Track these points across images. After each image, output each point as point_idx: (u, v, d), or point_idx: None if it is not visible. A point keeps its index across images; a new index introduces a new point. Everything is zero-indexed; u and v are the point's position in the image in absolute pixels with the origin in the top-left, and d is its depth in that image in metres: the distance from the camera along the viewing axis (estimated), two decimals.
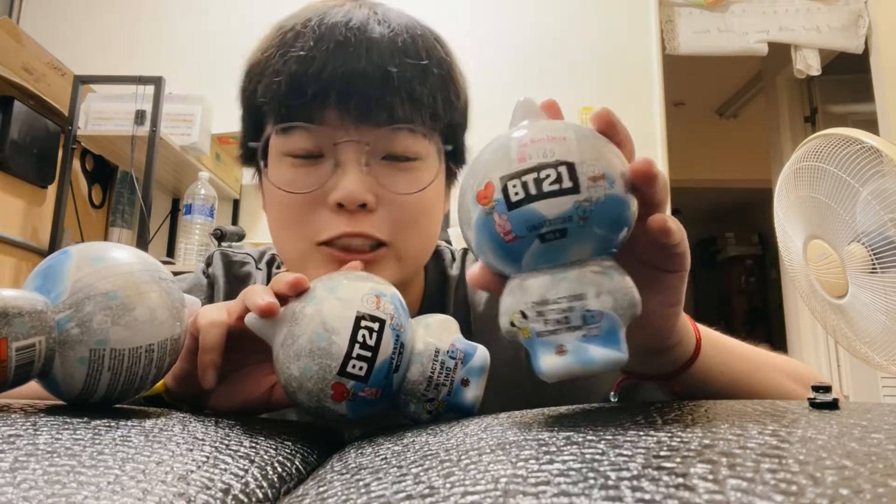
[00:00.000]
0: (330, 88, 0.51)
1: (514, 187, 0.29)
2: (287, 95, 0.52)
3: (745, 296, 5.33)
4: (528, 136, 0.30)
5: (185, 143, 2.05)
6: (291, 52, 0.52)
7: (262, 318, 0.38)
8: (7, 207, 1.91)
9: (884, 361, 1.26)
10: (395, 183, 0.53)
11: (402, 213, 0.54)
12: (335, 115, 0.52)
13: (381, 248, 0.53)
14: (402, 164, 0.54)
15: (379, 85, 0.51)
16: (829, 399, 0.31)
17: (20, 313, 0.33)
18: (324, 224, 0.53)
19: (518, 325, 0.31)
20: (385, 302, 0.39)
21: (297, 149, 0.53)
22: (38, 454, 0.25)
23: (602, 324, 0.29)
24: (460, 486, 0.20)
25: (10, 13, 2.48)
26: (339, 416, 0.39)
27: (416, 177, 0.55)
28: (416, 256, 0.57)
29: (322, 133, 0.52)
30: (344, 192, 0.51)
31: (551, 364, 0.29)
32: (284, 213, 0.55)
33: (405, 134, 0.54)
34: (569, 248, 0.29)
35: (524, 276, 0.31)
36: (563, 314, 0.29)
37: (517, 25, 2.54)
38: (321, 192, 0.53)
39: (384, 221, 0.53)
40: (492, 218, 0.30)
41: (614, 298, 0.29)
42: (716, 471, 0.19)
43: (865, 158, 1.18)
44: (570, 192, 0.29)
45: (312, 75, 0.51)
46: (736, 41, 2.65)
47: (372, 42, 0.52)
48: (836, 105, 3.21)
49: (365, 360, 0.37)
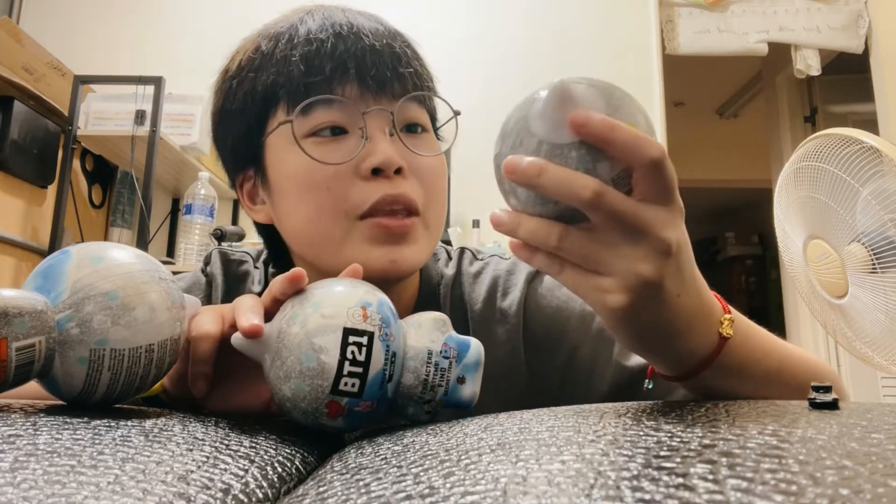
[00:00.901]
0: (348, 63, 0.54)
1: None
2: (305, 74, 0.54)
3: (745, 296, 5.32)
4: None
5: (185, 143, 2.05)
6: (298, 40, 0.55)
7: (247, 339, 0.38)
8: (7, 207, 1.91)
9: (884, 361, 1.25)
10: (417, 150, 0.56)
11: (429, 180, 0.57)
12: (356, 88, 0.54)
13: (414, 216, 0.55)
14: (419, 134, 0.58)
15: (388, 59, 0.55)
16: (829, 399, 0.31)
17: (20, 313, 0.33)
18: (362, 194, 0.54)
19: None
20: (372, 312, 0.38)
21: (321, 125, 0.54)
22: (38, 454, 0.25)
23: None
24: (460, 486, 0.20)
25: (10, 13, 2.48)
26: (336, 430, 0.38)
27: (431, 147, 0.59)
28: (438, 227, 0.59)
29: (347, 106, 0.54)
30: (382, 156, 0.53)
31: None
32: (315, 195, 0.54)
33: (416, 105, 0.57)
34: None
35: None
36: None
37: (517, 25, 2.54)
38: (353, 163, 0.54)
39: (417, 188, 0.55)
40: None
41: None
42: (716, 471, 0.19)
43: (865, 158, 1.18)
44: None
45: (328, 54, 0.54)
46: (736, 41, 2.65)
47: (365, 27, 0.56)
48: (836, 105, 3.20)
49: (356, 375, 0.36)
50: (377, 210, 0.53)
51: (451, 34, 2.45)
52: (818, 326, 2.01)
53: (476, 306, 0.62)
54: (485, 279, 0.64)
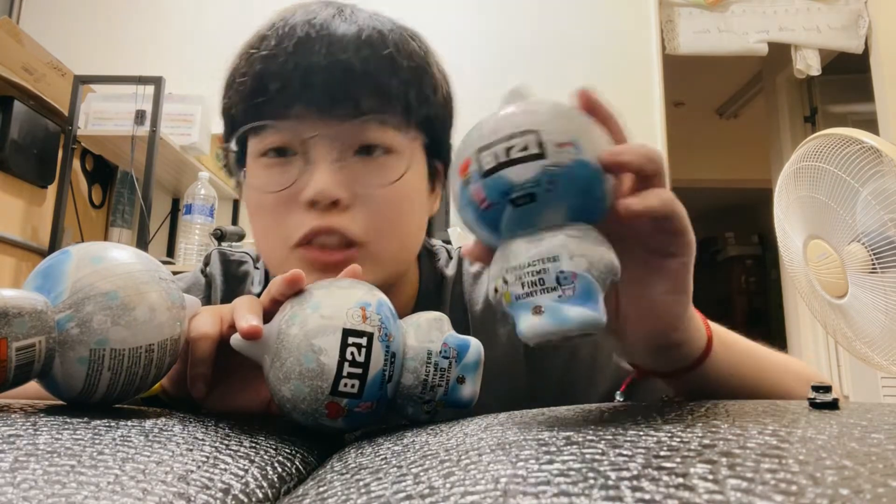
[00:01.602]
0: (292, 83, 0.51)
1: (486, 157, 0.31)
2: (252, 94, 0.52)
3: (745, 296, 5.32)
4: (503, 112, 0.33)
5: (185, 143, 2.05)
6: (255, 54, 0.53)
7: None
8: (7, 207, 1.91)
9: (884, 361, 1.25)
10: (367, 178, 0.52)
11: (377, 211, 0.53)
12: (301, 110, 0.51)
13: (355, 248, 0.52)
14: (375, 158, 0.53)
15: (341, 78, 0.51)
16: (829, 399, 0.31)
17: (20, 313, 0.33)
18: (296, 224, 0.52)
19: (500, 291, 0.32)
20: (371, 313, 0.38)
21: (269, 145, 0.53)
22: (38, 454, 0.25)
23: (576, 285, 0.30)
24: (460, 486, 0.20)
25: (10, 13, 2.48)
26: (336, 430, 0.38)
27: (390, 173, 0.53)
28: (393, 257, 0.55)
29: (289, 129, 0.52)
30: (314, 188, 0.50)
31: (528, 326, 0.31)
32: (261, 217, 0.55)
33: (375, 127, 0.52)
34: (540, 212, 0.31)
35: (505, 243, 0.32)
36: (537, 276, 0.31)
37: (516, 25, 2.54)
38: (294, 190, 0.52)
39: (358, 220, 0.52)
40: (468, 189, 0.32)
41: (589, 261, 0.31)
42: (716, 471, 0.19)
43: (865, 158, 1.18)
44: (536, 157, 0.30)
45: (274, 72, 0.51)
46: (736, 41, 2.65)
47: (334, 38, 0.52)
48: (836, 105, 3.20)
49: (356, 376, 0.36)
50: (310, 240, 0.52)
51: (450, 34, 2.44)
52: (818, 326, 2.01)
53: (476, 307, 0.62)
54: (485, 279, 0.64)
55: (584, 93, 0.34)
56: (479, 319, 0.62)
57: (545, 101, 0.33)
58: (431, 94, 0.56)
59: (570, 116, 0.32)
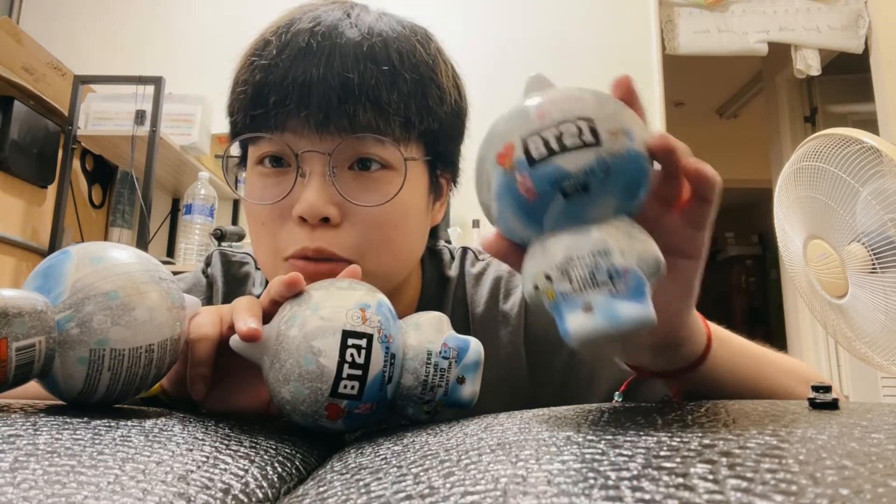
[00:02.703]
0: (289, 96, 0.50)
1: (534, 144, 0.29)
2: (251, 104, 0.52)
3: (745, 296, 5.32)
4: (546, 98, 0.30)
5: (185, 143, 2.05)
6: (257, 62, 0.52)
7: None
8: (7, 207, 1.91)
9: (884, 361, 1.25)
10: (360, 195, 0.52)
11: (369, 228, 0.52)
12: (297, 123, 0.51)
13: (346, 264, 0.51)
14: (371, 174, 0.52)
15: (339, 92, 0.50)
16: (829, 399, 0.31)
17: (20, 313, 0.33)
18: (287, 239, 0.52)
19: (542, 289, 0.30)
20: (371, 314, 0.38)
21: (265, 154, 0.53)
22: (38, 454, 0.25)
23: (628, 280, 0.28)
24: (460, 486, 0.20)
25: (10, 13, 2.48)
26: (336, 432, 0.38)
27: (386, 189, 0.52)
28: (385, 274, 0.54)
29: (285, 142, 0.52)
30: (304, 205, 0.50)
31: (578, 325, 0.28)
32: (256, 226, 0.55)
33: (371, 142, 0.51)
34: (591, 204, 0.29)
35: (545, 238, 0.30)
36: (588, 271, 0.29)
37: (516, 25, 2.54)
38: (286, 203, 0.52)
39: (349, 237, 0.51)
40: (513, 178, 0.29)
41: (639, 255, 0.29)
42: (716, 471, 0.19)
43: (865, 158, 1.18)
44: (592, 145, 0.28)
45: (274, 83, 0.51)
46: (736, 41, 2.65)
47: (335, 48, 0.51)
48: (836, 105, 3.20)
49: (356, 378, 0.36)
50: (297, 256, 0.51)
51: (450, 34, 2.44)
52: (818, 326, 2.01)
53: (478, 308, 0.62)
54: (486, 281, 0.64)
55: (625, 80, 0.32)
56: (481, 321, 0.62)
57: (583, 88, 0.31)
58: (437, 105, 0.55)
59: (615, 104, 0.30)
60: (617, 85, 0.32)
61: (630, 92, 0.32)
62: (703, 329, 0.42)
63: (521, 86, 0.34)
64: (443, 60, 0.57)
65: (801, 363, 0.52)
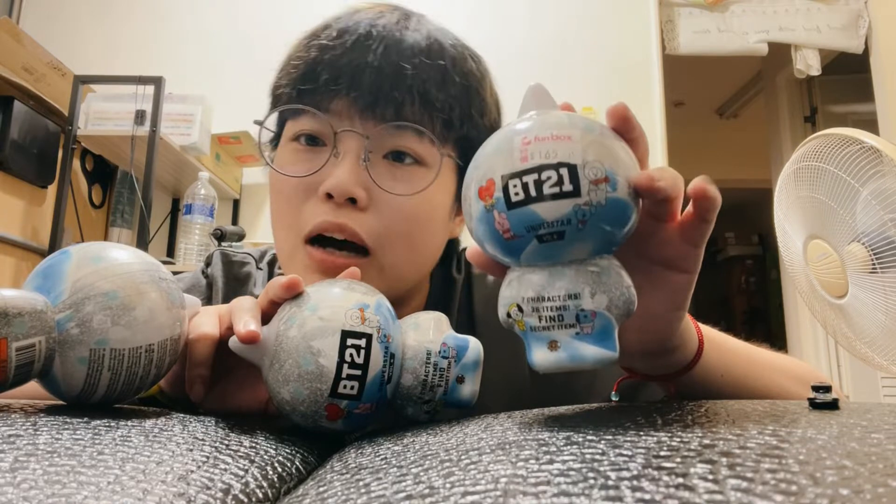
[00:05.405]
0: (341, 77, 0.51)
1: (514, 187, 0.29)
2: (301, 79, 0.53)
3: (745, 296, 5.32)
4: (532, 133, 0.30)
5: (185, 143, 2.05)
6: (314, 42, 0.54)
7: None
8: (7, 207, 1.91)
9: (884, 361, 1.25)
10: (390, 183, 0.52)
11: (394, 218, 0.52)
12: (343, 104, 0.52)
13: (363, 257, 0.52)
14: (403, 166, 0.53)
15: (390, 80, 0.51)
16: (829, 399, 0.31)
17: (20, 313, 0.33)
18: (311, 214, 0.52)
19: (514, 318, 0.32)
20: (370, 314, 0.38)
21: (301, 131, 0.54)
22: (38, 454, 0.25)
23: (595, 323, 0.30)
24: (460, 486, 0.20)
25: (10, 13, 2.48)
26: (336, 432, 0.38)
27: (417, 183, 0.53)
28: (401, 270, 0.54)
29: (326, 120, 0.52)
30: (334, 180, 0.50)
31: (543, 358, 0.30)
32: (279, 202, 0.54)
33: (410, 134, 0.52)
34: (566, 248, 0.30)
35: (522, 271, 0.31)
36: (557, 312, 0.30)
37: (516, 25, 2.54)
38: (315, 179, 0.52)
39: (373, 222, 0.51)
40: (492, 215, 0.30)
41: (609, 298, 0.30)
42: (716, 471, 0.19)
43: (865, 158, 1.18)
44: (571, 195, 0.28)
45: (329, 62, 0.52)
46: (736, 41, 2.65)
47: (392, 40, 0.52)
48: (836, 105, 3.20)
49: (355, 378, 0.36)
50: (320, 238, 0.51)
51: None
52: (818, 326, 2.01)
53: (481, 308, 0.62)
54: (489, 281, 0.64)
55: (620, 109, 0.32)
56: (483, 322, 0.62)
57: (576, 122, 0.30)
58: (478, 116, 0.56)
59: (605, 144, 0.30)
60: (611, 114, 0.32)
61: (625, 121, 0.32)
62: (695, 334, 0.42)
63: (521, 86, 0.34)
64: (490, 80, 0.59)
65: (799, 362, 0.52)
